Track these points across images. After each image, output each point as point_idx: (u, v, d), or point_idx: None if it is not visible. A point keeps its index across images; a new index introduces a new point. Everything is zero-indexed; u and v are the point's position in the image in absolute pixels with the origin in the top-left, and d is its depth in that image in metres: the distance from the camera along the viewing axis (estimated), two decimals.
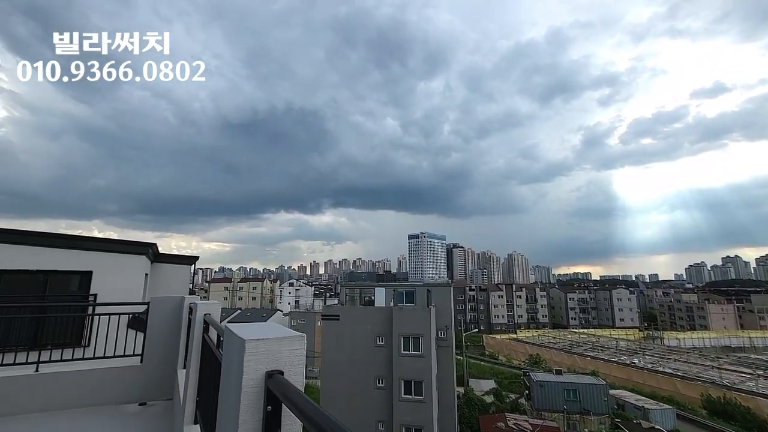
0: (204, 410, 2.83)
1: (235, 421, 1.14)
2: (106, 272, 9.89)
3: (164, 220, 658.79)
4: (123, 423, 4.53)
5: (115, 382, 5.27)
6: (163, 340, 5.58)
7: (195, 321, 3.33)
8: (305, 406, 0.89)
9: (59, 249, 9.51)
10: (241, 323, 1.49)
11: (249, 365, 1.12)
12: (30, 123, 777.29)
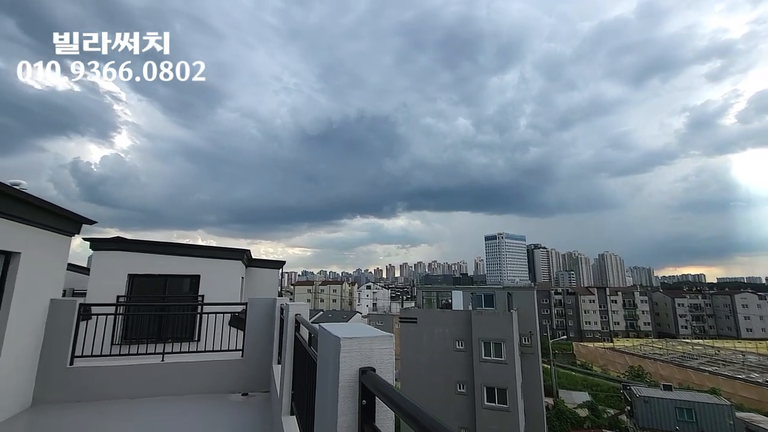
0: (299, 402, 3.07)
1: (333, 414, 1.24)
2: (211, 276, 11.18)
3: (254, 228, 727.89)
4: (230, 410, 5.08)
5: (221, 374, 5.94)
6: (260, 337, 6.15)
7: (287, 321, 3.62)
8: (398, 399, 0.94)
9: (176, 256, 11.01)
10: (332, 323, 1.60)
11: (344, 361, 1.21)
12: (148, 149, 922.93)
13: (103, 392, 5.39)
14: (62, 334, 5.40)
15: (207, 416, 4.88)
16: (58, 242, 5.60)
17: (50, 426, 4.52)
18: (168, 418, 4.77)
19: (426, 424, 0.80)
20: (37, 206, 4.91)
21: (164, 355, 5.97)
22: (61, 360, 5.33)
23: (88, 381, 5.39)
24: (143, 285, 10.50)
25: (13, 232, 4.57)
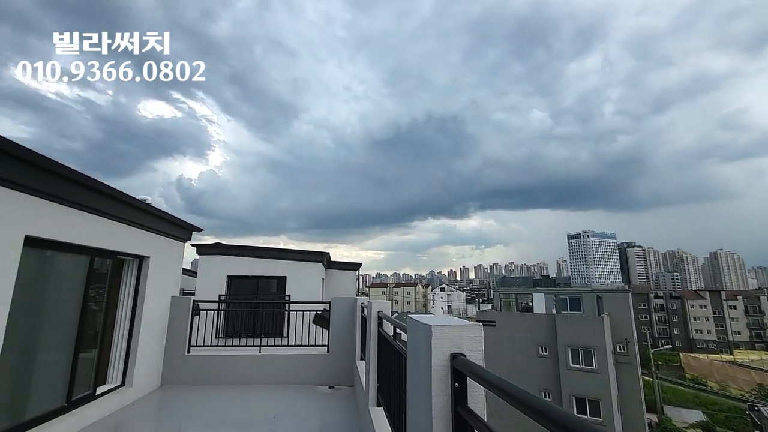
0: (384, 394, 3.22)
1: (428, 397, 1.33)
2: (295, 277, 12.05)
3: (330, 233, 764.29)
4: (319, 401, 5.47)
5: (310, 367, 6.40)
6: (343, 334, 6.51)
7: (370, 317, 3.82)
8: (491, 378, 0.99)
9: (265, 259, 12.09)
10: (420, 314, 1.70)
11: (436, 347, 1.29)
12: (236, 163, 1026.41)
13: (212, 377, 6.16)
14: (181, 326, 6.29)
15: (300, 403, 5.31)
16: (175, 247, 6.55)
17: (176, 402, 5.30)
18: (267, 402, 5.29)
19: (521, 397, 0.85)
20: (161, 217, 5.82)
21: (261, 347, 6.63)
22: (180, 348, 6.21)
23: (201, 367, 6.20)
24: (239, 285, 11.71)
25: (144, 240, 5.48)
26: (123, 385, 5.19)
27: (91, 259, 4.49)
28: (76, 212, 4.11)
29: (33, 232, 3.50)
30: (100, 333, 4.90)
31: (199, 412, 5.01)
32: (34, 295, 3.72)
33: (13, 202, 3.32)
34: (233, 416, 4.81)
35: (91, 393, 4.58)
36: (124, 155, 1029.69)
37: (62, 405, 4.08)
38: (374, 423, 3.06)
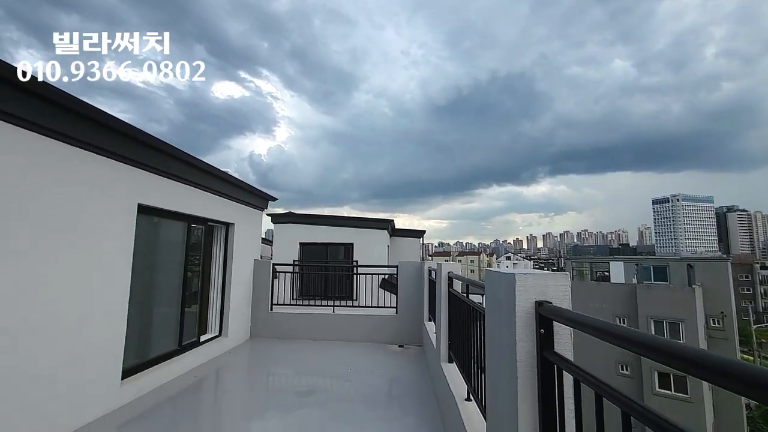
0: (456, 350, 3.31)
1: (511, 345, 1.35)
2: (362, 244, 12.49)
3: (391, 203, 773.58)
4: (390, 357, 5.77)
5: (379, 327, 6.73)
6: (410, 297, 6.70)
7: (440, 278, 3.88)
8: (580, 318, 0.98)
9: (334, 227, 12.66)
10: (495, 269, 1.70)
11: (520, 295, 1.29)
12: (300, 138, 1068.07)
13: (292, 333, 6.78)
14: (263, 286, 6.94)
15: (372, 358, 5.67)
16: (255, 216, 7.14)
17: (264, 352, 5.96)
18: (341, 356, 5.72)
19: (614, 332, 0.84)
20: (243, 188, 6.35)
21: (334, 308, 7.10)
22: (264, 306, 6.89)
23: (282, 323, 6.84)
24: (310, 252, 12.48)
25: (229, 209, 6.04)
26: (220, 335, 5.93)
27: (188, 225, 5.08)
28: (175, 184, 4.66)
29: (143, 200, 4.04)
30: (199, 291, 5.60)
31: (284, 361, 5.58)
32: (147, 257, 4.34)
33: (128, 175, 3.85)
34: (313, 367, 5.29)
35: (196, 340, 5.32)
36: (202, 135, 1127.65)
37: (175, 348, 4.80)
38: (447, 377, 3.18)
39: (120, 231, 3.74)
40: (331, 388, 4.52)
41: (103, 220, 3.53)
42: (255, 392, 4.49)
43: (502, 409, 1.50)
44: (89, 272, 3.37)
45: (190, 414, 3.85)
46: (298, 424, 3.46)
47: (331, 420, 3.57)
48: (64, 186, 3.13)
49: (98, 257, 3.47)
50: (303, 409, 3.85)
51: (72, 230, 3.19)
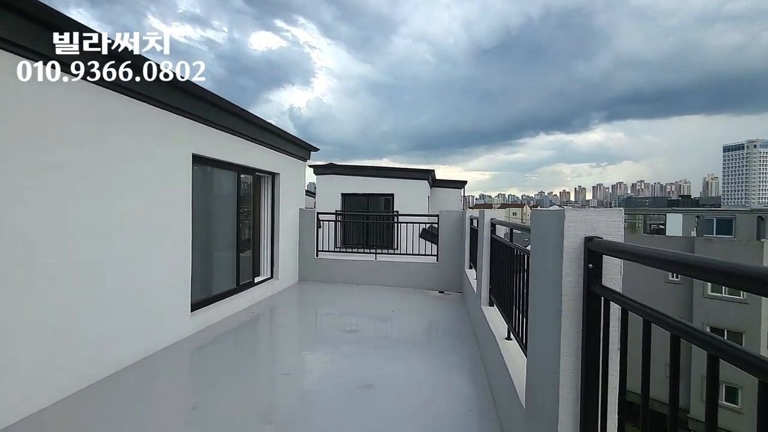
0: (497, 294, 3.37)
1: (556, 279, 1.35)
2: (402, 194, 12.52)
3: (432, 154, 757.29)
4: (430, 301, 5.99)
5: (421, 273, 6.93)
6: (451, 245, 6.76)
7: (483, 225, 3.86)
8: (635, 249, 0.96)
9: (375, 178, 12.73)
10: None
11: (569, 231, 1.28)
12: (339, 89, 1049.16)
13: (337, 277, 7.17)
14: (309, 234, 7.28)
15: (413, 302, 5.92)
16: (299, 166, 7.32)
17: (311, 294, 6.39)
18: (383, 299, 6.02)
19: (665, 258, 0.82)
20: (287, 139, 6.49)
21: (376, 255, 7.35)
22: (310, 252, 7.27)
23: (328, 268, 7.23)
24: (352, 203, 12.74)
25: (275, 159, 6.23)
26: (272, 277, 6.41)
27: (238, 175, 5.33)
28: (226, 135, 4.85)
29: (197, 150, 4.27)
30: (251, 238, 5.99)
31: (330, 302, 5.97)
32: (203, 204, 4.65)
33: (183, 126, 4.05)
34: (357, 308, 5.63)
35: (251, 281, 5.79)
36: (243, 89, 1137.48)
37: (233, 288, 5.27)
38: (487, 318, 3.27)
39: (179, 179, 4.02)
40: (375, 327, 4.81)
41: (165, 169, 3.80)
42: (305, 328, 4.90)
43: (544, 344, 1.55)
44: (157, 217, 3.70)
45: (250, 343, 4.30)
46: (344, 357, 3.77)
47: (376, 355, 3.85)
48: (131, 136, 3.37)
49: (163, 204, 3.78)
50: (349, 344, 4.17)
51: (140, 178, 3.47)
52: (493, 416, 2.64)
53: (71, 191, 2.83)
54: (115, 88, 3.16)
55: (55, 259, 2.71)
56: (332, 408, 2.75)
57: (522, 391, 1.98)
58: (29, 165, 2.53)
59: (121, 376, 3.15)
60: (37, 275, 2.58)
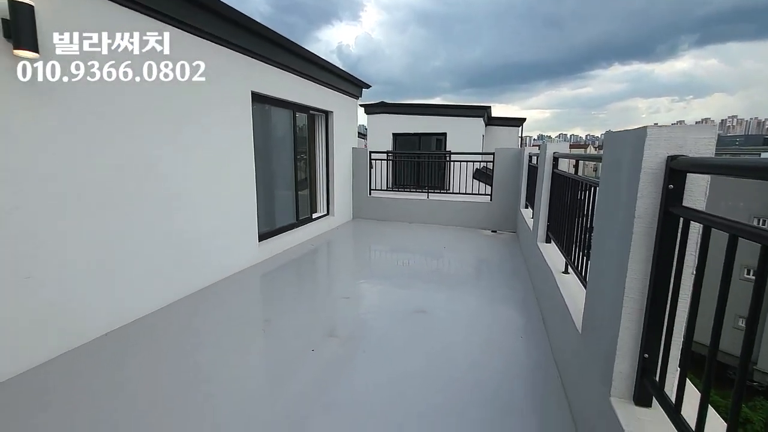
0: (555, 230, 3.29)
1: (629, 203, 1.29)
2: (455, 133, 12.07)
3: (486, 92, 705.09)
4: (483, 240, 5.99)
5: (472, 213, 6.87)
6: (506, 184, 6.55)
7: (544, 160, 3.67)
8: (727, 162, 0.88)
9: (427, 116, 12.32)
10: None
11: (649, 150, 1.19)
12: (388, 22, 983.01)
13: (389, 216, 7.34)
14: (362, 172, 7.40)
15: (465, 240, 5.96)
16: (351, 104, 7.26)
17: (365, 230, 6.66)
18: (435, 237, 6.12)
19: (755, 165, 0.75)
20: (340, 75, 6.39)
21: (428, 193, 7.36)
22: (363, 191, 7.44)
23: (380, 207, 7.40)
24: (403, 143, 12.55)
25: (328, 97, 6.22)
26: (328, 214, 6.72)
27: (293, 113, 5.42)
28: (282, 72, 4.89)
29: (255, 88, 4.37)
30: (308, 175, 6.22)
31: (383, 239, 6.18)
32: (263, 142, 4.85)
33: (242, 63, 4.13)
34: (410, 245, 5.79)
35: (309, 217, 6.12)
36: (292, 27, 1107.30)
37: (294, 222, 5.63)
38: (544, 254, 3.23)
39: (241, 117, 4.19)
40: (427, 262, 4.97)
41: (229, 107, 3.97)
42: (360, 261, 5.18)
43: (608, 271, 1.52)
44: (225, 154, 3.95)
45: (310, 272, 4.67)
46: (399, 287, 3.99)
47: (428, 287, 4.02)
48: (194, 74, 3.51)
49: (230, 142, 4.00)
50: (402, 277, 4.37)
51: (208, 117, 3.67)
52: (543, 342, 2.72)
53: (153, 131, 3.08)
54: (179, 25, 3.24)
55: (151, 190, 3.06)
56: (389, 328, 2.99)
57: (578, 318, 2.01)
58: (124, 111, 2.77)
59: (208, 290, 3.62)
60: (142, 203, 2.95)
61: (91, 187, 2.63)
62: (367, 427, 1.89)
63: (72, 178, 2.51)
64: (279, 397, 2.15)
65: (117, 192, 2.82)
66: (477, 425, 1.90)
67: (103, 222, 2.73)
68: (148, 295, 3.13)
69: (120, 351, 2.59)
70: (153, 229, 3.14)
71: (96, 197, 2.67)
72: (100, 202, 2.70)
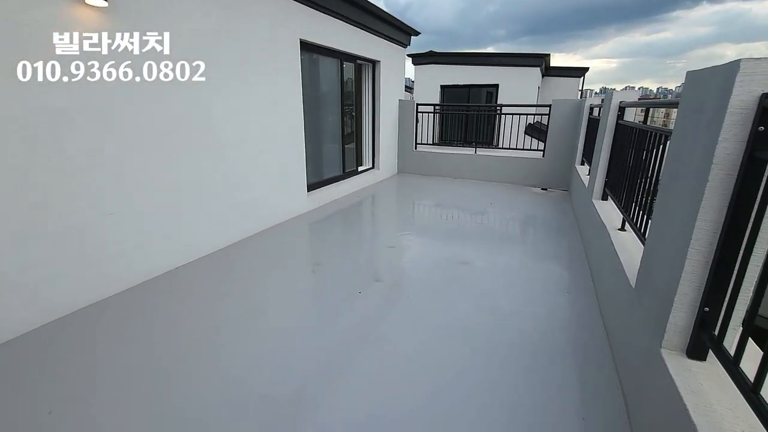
0: (613, 186, 3.10)
1: (708, 148, 1.19)
2: (508, 85, 11.34)
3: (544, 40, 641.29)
4: (531, 197, 5.79)
5: (522, 169, 6.59)
6: (562, 139, 6.16)
7: (608, 110, 3.38)
8: None
9: (478, 66, 11.61)
10: None
11: (740, 86, 1.06)
12: None
13: (435, 170, 7.24)
14: (408, 125, 7.26)
15: (513, 197, 5.80)
16: (398, 53, 6.98)
17: (410, 185, 6.65)
18: (481, 193, 5.99)
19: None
20: (387, 20, 6.11)
21: (476, 148, 7.12)
22: (409, 145, 7.34)
23: (426, 161, 7.30)
24: (451, 95, 12.02)
25: (375, 45, 6.02)
26: (373, 167, 6.75)
27: (341, 63, 5.34)
28: (329, 18, 4.76)
29: (304, 36, 4.32)
30: (354, 128, 6.21)
31: (428, 193, 6.16)
32: (311, 92, 4.86)
33: (290, 9, 4.07)
34: (455, 200, 5.72)
35: (355, 170, 6.20)
36: None
37: (340, 174, 5.73)
38: (599, 211, 3.08)
39: (291, 66, 4.20)
40: (472, 217, 4.92)
41: (279, 56, 3.98)
42: (404, 213, 5.23)
43: (674, 224, 1.43)
44: (275, 104, 4.02)
45: (356, 222, 4.81)
46: (442, 240, 4.02)
47: (472, 240, 4.02)
48: (249, 22, 3.53)
49: (280, 91, 4.05)
50: (446, 230, 4.39)
51: (260, 65, 3.72)
52: (589, 297, 2.68)
53: (208, 80, 3.18)
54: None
55: (210, 140, 3.24)
56: (432, 275, 3.07)
57: (632, 273, 1.94)
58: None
59: (261, 235, 3.88)
60: (202, 151, 3.14)
61: (157, 136, 2.82)
62: (413, 360, 2.03)
63: (148, 125, 2.70)
64: (329, 330, 2.33)
65: (182, 140, 3.01)
66: (519, 369, 1.97)
67: (170, 168, 2.95)
68: (208, 238, 3.41)
69: (186, 285, 2.90)
70: (211, 175, 3.35)
71: (163, 145, 2.87)
72: (167, 151, 2.90)
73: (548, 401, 1.75)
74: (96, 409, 1.69)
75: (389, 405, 1.72)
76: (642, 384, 1.53)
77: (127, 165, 2.64)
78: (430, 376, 1.91)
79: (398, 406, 1.72)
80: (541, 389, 1.83)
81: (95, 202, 2.48)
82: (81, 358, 2.03)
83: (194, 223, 3.24)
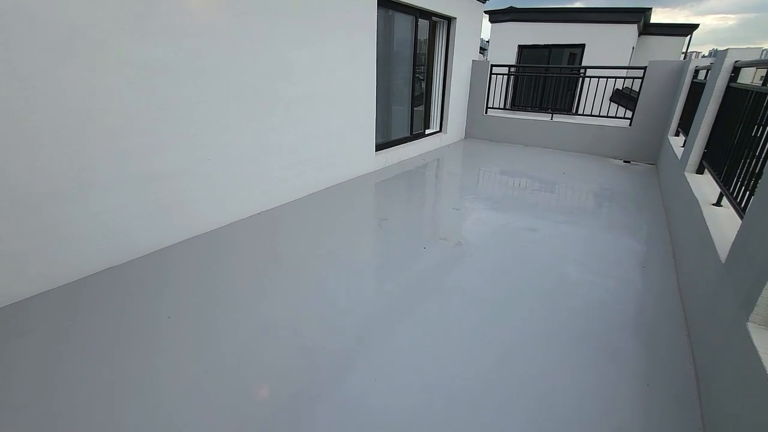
0: (712, 158, 2.80)
1: None
2: (597, 45, 10.25)
3: None
4: (611, 170, 5.37)
5: (603, 139, 6.08)
6: (654, 106, 5.54)
7: (716, 74, 2.99)
8: None
9: (562, 23, 10.57)
10: None
11: None
12: None
13: (505, 137, 6.95)
14: (479, 88, 6.97)
15: (590, 168, 5.43)
16: (476, 9, 6.60)
17: (477, 150, 6.49)
18: (555, 163, 5.68)
19: None
20: None
21: (552, 114, 6.67)
22: (479, 109, 7.08)
23: (496, 126, 7.02)
24: (530, 57, 11.16)
25: (452, 1, 5.74)
26: (440, 131, 6.66)
27: (416, 20, 5.20)
28: None
29: None
30: (424, 89, 6.11)
31: (497, 160, 5.97)
32: (384, 52, 4.84)
33: None
34: (525, 168, 5.50)
35: (422, 132, 6.17)
36: None
37: (407, 136, 5.76)
38: (692, 185, 2.82)
39: (366, 21, 4.20)
40: (543, 187, 4.73)
41: (353, 9, 3.99)
42: (470, 179, 5.16)
43: None
44: (348, 59, 4.09)
45: (421, 183, 4.86)
46: (510, 206, 3.95)
47: (541, 209, 3.90)
48: None
49: (354, 48, 4.11)
50: (515, 198, 4.28)
51: (336, 20, 3.78)
52: (667, 273, 2.55)
53: (287, 36, 3.33)
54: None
55: (286, 94, 3.44)
56: (497, 240, 3.08)
57: (723, 249, 1.82)
58: None
59: (332, 190, 4.12)
60: (281, 106, 3.37)
61: (249, 91, 3.07)
62: (477, 310, 2.12)
63: (236, 79, 2.95)
64: (395, 279, 2.50)
65: (267, 94, 3.24)
66: (579, 332, 1.98)
67: (256, 120, 3.21)
68: (285, 188, 3.70)
69: (272, 227, 3.22)
70: (290, 129, 3.57)
71: (252, 99, 3.12)
72: (256, 103, 3.15)
73: (609, 364, 1.76)
74: (205, 318, 2.03)
75: (449, 352, 1.86)
76: (718, 355, 1.48)
77: (222, 114, 2.92)
78: (491, 331, 2.00)
79: (459, 350, 1.84)
80: (603, 353, 1.83)
81: (195, 149, 2.81)
82: (195, 276, 2.41)
83: (274, 173, 3.52)
